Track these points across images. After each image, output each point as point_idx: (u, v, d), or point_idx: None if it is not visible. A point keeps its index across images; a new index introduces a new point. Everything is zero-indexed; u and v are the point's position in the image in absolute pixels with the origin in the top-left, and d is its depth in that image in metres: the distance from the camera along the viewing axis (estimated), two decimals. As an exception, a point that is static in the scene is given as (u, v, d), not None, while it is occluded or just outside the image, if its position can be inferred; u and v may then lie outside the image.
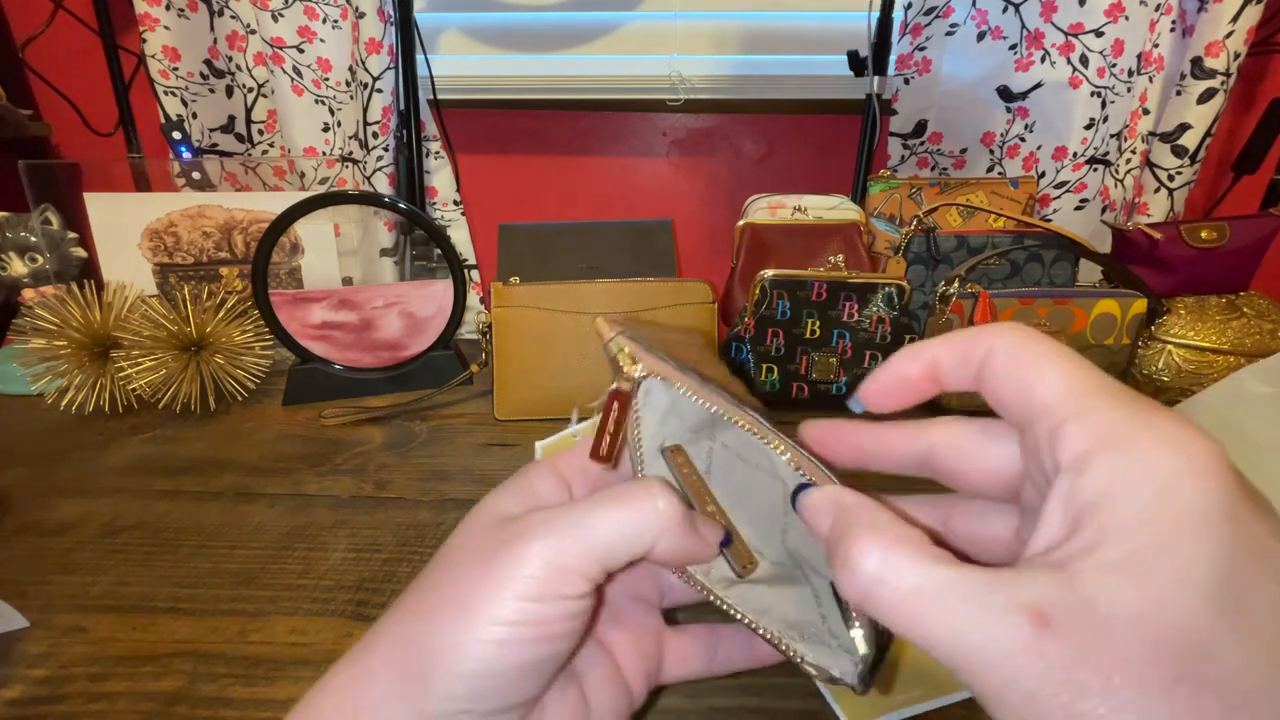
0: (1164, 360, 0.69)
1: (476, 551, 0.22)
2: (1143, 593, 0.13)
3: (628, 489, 0.22)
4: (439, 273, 0.91)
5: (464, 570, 0.21)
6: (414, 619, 0.21)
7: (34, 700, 0.34)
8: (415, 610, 0.22)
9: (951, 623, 0.15)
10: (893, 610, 0.16)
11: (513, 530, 0.21)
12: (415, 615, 0.22)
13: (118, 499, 0.53)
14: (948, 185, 0.87)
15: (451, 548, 0.23)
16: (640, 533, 0.21)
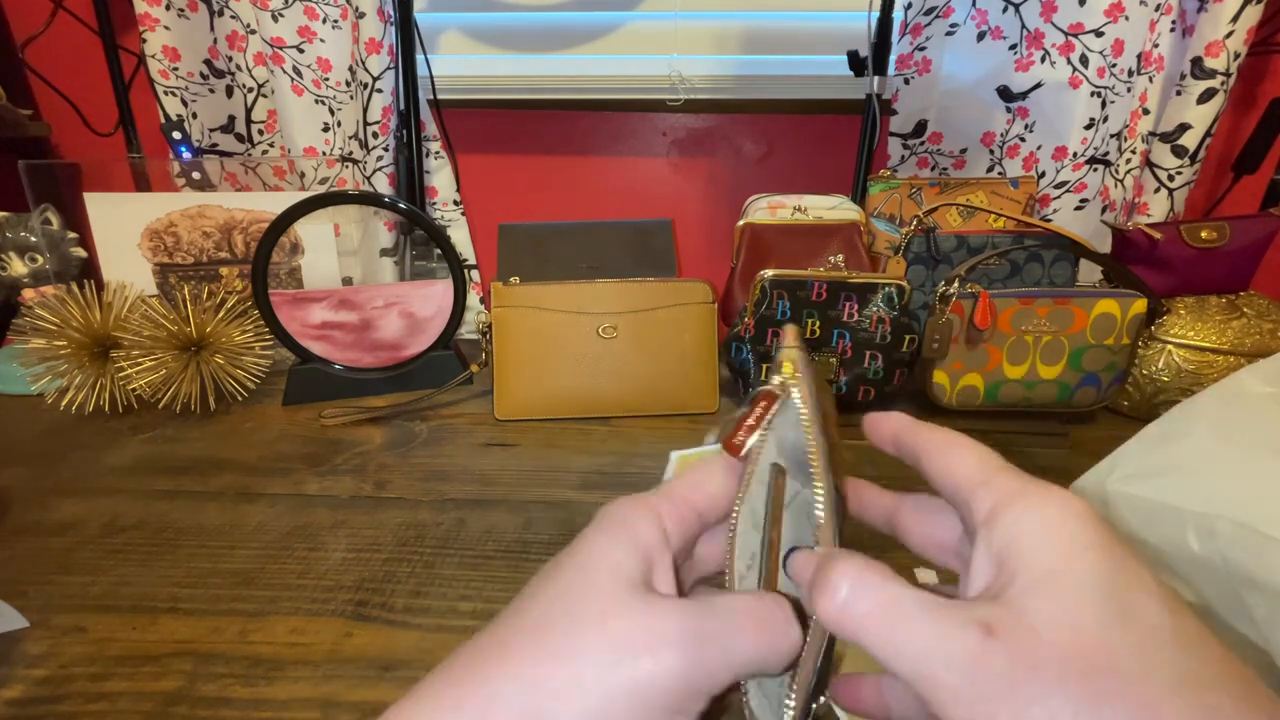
0: (1164, 360, 0.69)
1: (611, 628, 0.20)
2: (1053, 604, 0.17)
3: (769, 612, 0.22)
4: (439, 273, 0.91)
5: (598, 651, 0.20)
6: (535, 685, 0.20)
7: (34, 700, 0.34)
8: (534, 672, 0.20)
9: (915, 634, 0.18)
10: (865, 624, 0.19)
11: (658, 626, 0.20)
12: (538, 682, 0.20)
13: (118, 499, 0.53)
14: (948, 185, 0.87)
15: (571, 602, 0.21)
16: (774, 660, 0.21)
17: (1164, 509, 0.37)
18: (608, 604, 0.21)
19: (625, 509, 0.23)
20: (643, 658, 0.19)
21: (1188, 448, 0.39)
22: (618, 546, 0.22)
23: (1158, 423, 0.42)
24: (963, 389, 0.66)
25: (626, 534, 0.23)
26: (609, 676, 0.19)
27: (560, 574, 0.22)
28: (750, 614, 0.21)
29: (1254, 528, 0.33)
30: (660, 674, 0.19)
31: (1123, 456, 0.42)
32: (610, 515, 0.23)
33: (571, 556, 0.23)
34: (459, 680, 0.21)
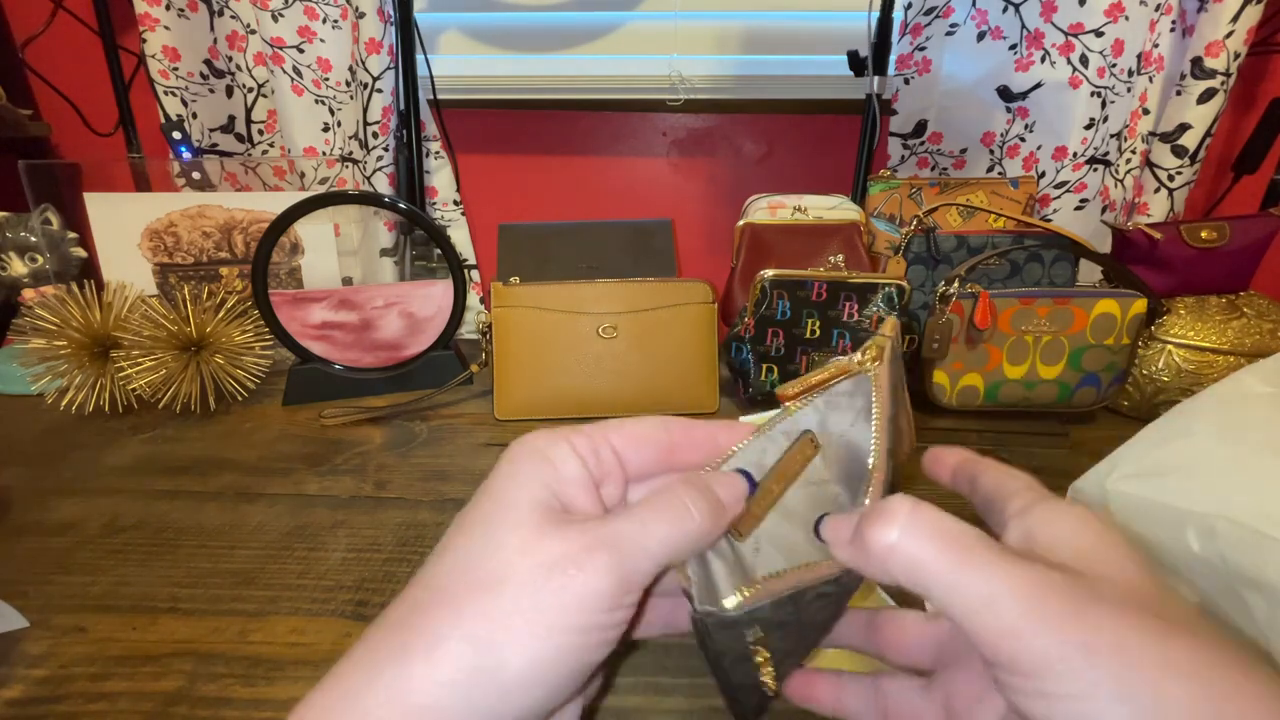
0: (1164, 360, 0.69)
1: (535, 554, 0.21)
2: (1101, 564, 0.19)
3: (672, 502, 0.23)
4: (439, 273, 0.92)
5: (529, 576, 0.21)
6: (476, 619, 0.21)
7: (34, 700, 0.34)
8: (473, 608, 0.21)
9: (977, 566, 0.19)
10: (920, 559, 0.19)
11: (577, 542, 0.21)
12: (478, 616, 0.21)
13: (118, 499, 0.53)
14: (948, 185, 0.87)
15: (494, 541, 0.22)
16: (687, 545, 0.23)
17: (1164, 509, 0.37)
18: (530, 532, 0.22)
19: (538, 440, 0.25)
20: (571, 572, 0.21)
21: (1188, 448, 0.39)
22: (534, 479, 0.23)
23: (1158, 423, 0.42)
24: (963, 389, 0.66)
25: (543, 465, 0.24)
26: (546, 597, 0.20)
27: (479, 512, 0.23)
28: (656, 509, 0.23)
29: (1254, 528, 0.33)
30: (591, 582, 0.21)
31: (1123, 456, 0.42)
32: (524, 448, 0.24)
33: (488, 494, 0.24)
34: (401, 626, 0.21)
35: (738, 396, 0.73)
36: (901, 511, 0.20)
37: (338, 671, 0.21)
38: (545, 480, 0.23)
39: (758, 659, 0.24)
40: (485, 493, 0.24)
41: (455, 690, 0.20)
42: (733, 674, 0.24)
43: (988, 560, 0.19)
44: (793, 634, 0.25)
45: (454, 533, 0.24)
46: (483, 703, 0.20)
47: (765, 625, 0.23)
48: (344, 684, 0.21)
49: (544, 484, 0.23)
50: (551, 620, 0.20)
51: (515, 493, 0.23)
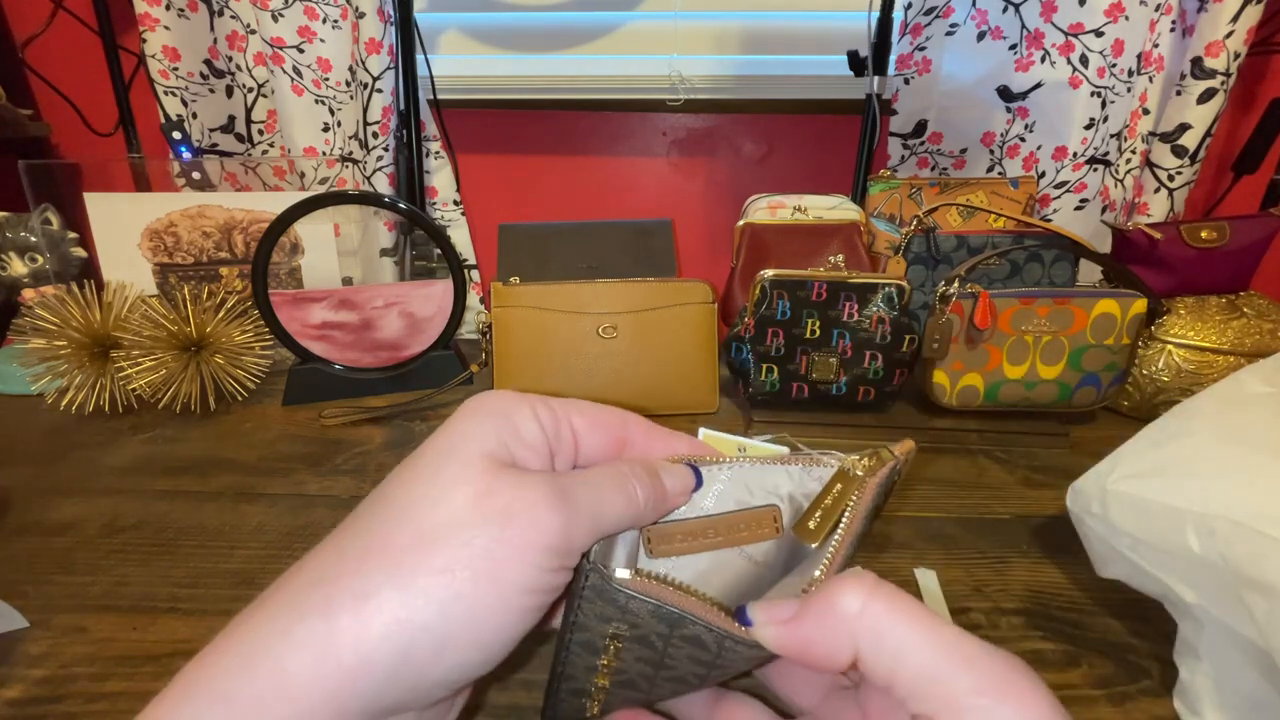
0: (1164, 360, 0.69)
1: (487, 503, 0.20)
2: None
3: (618, 477, 0.23)
4: (439, 273, 0.92)
5: (480, 524, 0.20)
6: (416, 569, 0.19)
7: (34, 700, 0.34)
8: (413, 558, 0.19)
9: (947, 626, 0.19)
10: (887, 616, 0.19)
11: (532, 491, 0.21)
12: (418, 566, 0.19)
13: (118, 499, 0.53)
14: (948, 185, 0.87)
15: (439, 489, 0.21)
16: (625, 522, 0.23)
17: (1164, 509, 0.37)
18: (481, 482, 0.20)
19: (500, 399, 0.23)
20: (523, 521, 0.20)
21: (1188, 448, 0.39)
22: (489, 434, 0.22)
23: (1158, 423, 0.42)
24: (963, 389, 0.66)
25: (502, 421, 0.23)
26: (496, 547, 0.19)
27: (423, 463, 0.22)
28: (608, 479, 0.23)
29: (1254, 528, 0.33)
30: (544, 535, 0.20)
31: (1123, 456, 0.42)
32: (483, 404, 0.23)
33: (435, 448, 0.22)
34: (320, 580, 0.20)
35: (738, 396, 0.73)
36: (869, 578, 0.20)
37: (235, 632, 0.20)
38: (502, 436, 0.22)
39: (601, 661, 0.23)
40: (432, 446, 0.22)
41: (386, 646, 0.18)
42: (570, 663, 0.23)
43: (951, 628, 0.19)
44: (646, 665, 0.23)
45: (391, 483, 0.22)
46: (416, 660, 0.19)
47: (631, 632, 0.22)
48: (245, 644, 0.19)
49: (500, 440, 0.22)
50: (499, 571, 0.19)
51: (467, 445, 0.22)
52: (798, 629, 0.20)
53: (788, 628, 0.20)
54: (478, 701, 0.35)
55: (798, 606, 0.20)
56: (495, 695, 0.35)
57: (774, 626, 0.21)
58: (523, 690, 0.36)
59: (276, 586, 0.21)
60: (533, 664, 0.37)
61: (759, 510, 0.25)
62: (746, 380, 0.69)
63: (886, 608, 0.19)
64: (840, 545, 0.23)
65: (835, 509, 0.23)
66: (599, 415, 0.25)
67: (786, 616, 0.20)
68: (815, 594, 0.20)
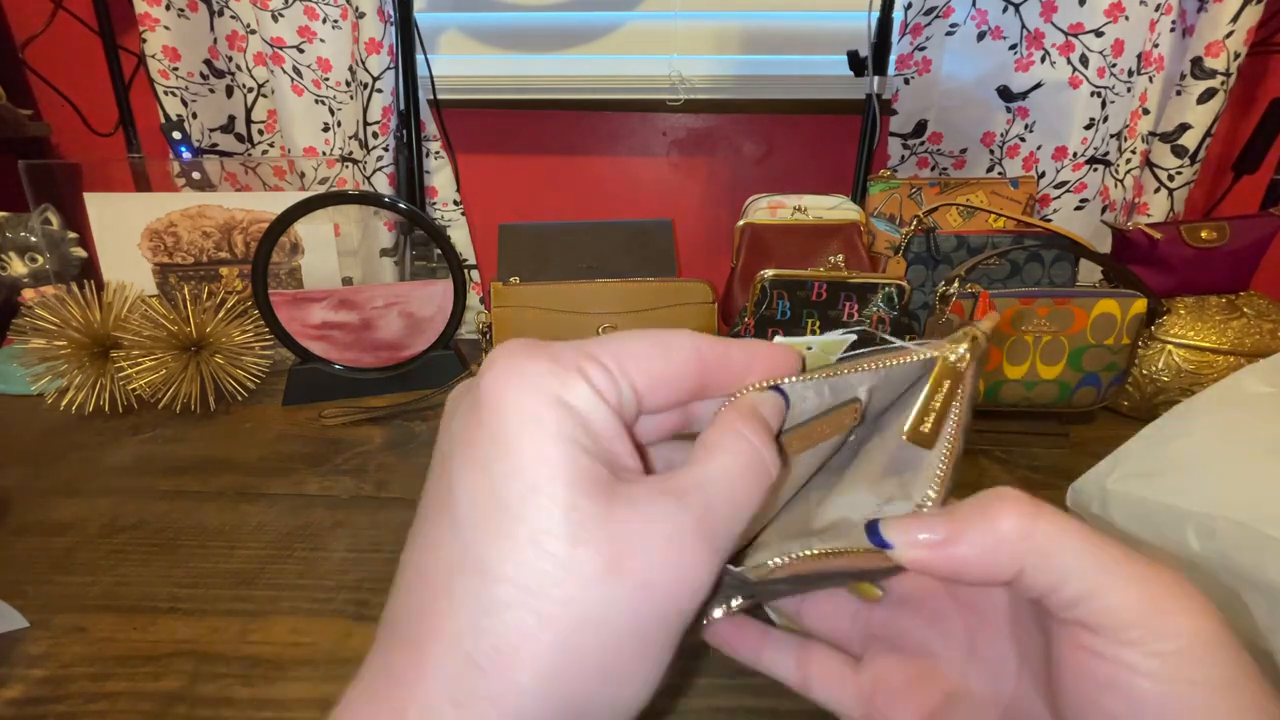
0: (1164, 360, 0.69)
1: (613, 574, 0.16)
2: None
3: (743, 452, 0.19)
4: (439, 273, 0.91)
5: (615, 606, 0.16)
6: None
7: (34, 700, 0.34)
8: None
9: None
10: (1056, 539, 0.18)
11: (664, 550, 0.16)
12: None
13: (118, 499, 0.53)
14: (948, 185, 0.87)
15: (536, 546, 0.16)
16: (761, 498, 0.19)
17: (1164, 509, 0.37)
18: (592, 532, 0.16)
19: (544, 378, 0.17)
20: (663, 585, 0.16)
21: (1188, 448, 0.39)
22: (565, 442, 0.16)
23: (1158, 423, 0.42)
24: (963, 389, 0.65)
25: (567, 418, 0.17)
26: (627, 624, 0.16)
27: (501, 499, 0.16)
28: (735, 460, 0.19)
29: (1254, 528, 0.33)
30: (687, 592, 0.17)
31: (1123, 456, 0.42)
32: (531, 391, 0.17)
33: (499, 475, 0.16)
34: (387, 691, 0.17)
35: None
36: (1025, 499, 0.19)
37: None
38: (582, 444, 0.17)
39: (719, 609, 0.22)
40: (496, 472, 0.16)
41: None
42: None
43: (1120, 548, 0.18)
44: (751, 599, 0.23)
45: (473, 539, 0.17)
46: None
47: (742, 593, 0.22)
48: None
49: (582, 448, 0.17)
50: (639, 647, 0.16)
51: (546, 473, 0.16)
52: (951, 552, 0.19)
53: (939, 551, 0.19)
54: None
55: (944, 526, 0.19)
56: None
57: (923, 550, 0.19)
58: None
59: (360, 688, 0.17)
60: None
61: (842, 410, 0.24)
62: (746, 380, 0.69)
63: (1052, 529, 0.18)
64: (953, 446, 0.22)
65: (945, 408, 0.22)
66: (663, 364, 0.20)
67: (935, 539, 0.19)
68: (966, 514, 0.19)
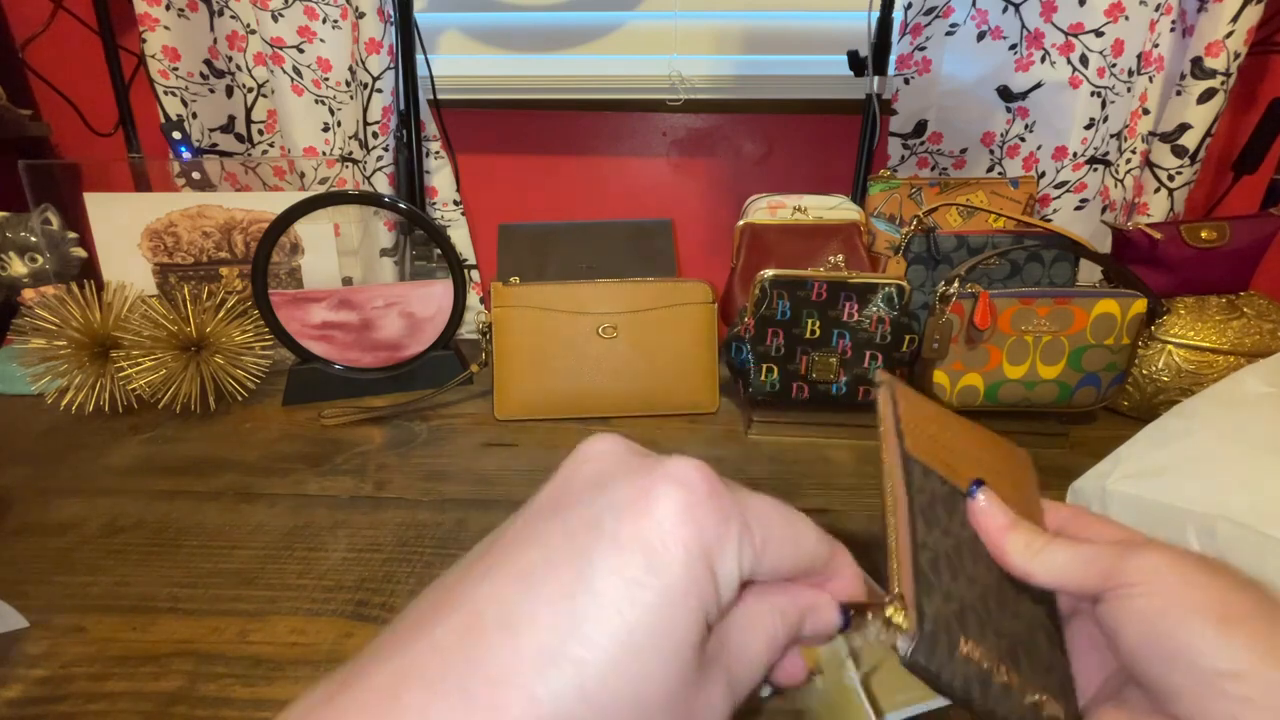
0: (1164, 360, 0.69)
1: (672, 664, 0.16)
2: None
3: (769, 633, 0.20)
4: (439, 273, 0.91)
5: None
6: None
7: (34, 700, 0.34)
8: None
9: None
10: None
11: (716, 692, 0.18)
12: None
13: (118, 499, 0.53)
14: (948, 185, 0.87)
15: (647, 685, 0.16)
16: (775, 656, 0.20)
17: (1164, 509, 0.37)
18: (682, 701, 0.17)
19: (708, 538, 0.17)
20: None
21: (1188, 448, 0.39)
22: (698, 607, 0.17)
23: (1158, 423, 0.42)
24: (963, 389, 0.65)
25: (708, 585, 0.17)
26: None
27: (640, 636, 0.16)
28: (766, 642, 0.19)
29: (1254, 528, 0.33)
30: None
31: (1123, 456, 0.42)
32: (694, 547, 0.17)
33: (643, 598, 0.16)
34: None
35: (737, 396, 0.73)
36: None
37: None
38: (708, 608, 0.17)
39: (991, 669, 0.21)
40: (635, 590, 0.16)
41: None
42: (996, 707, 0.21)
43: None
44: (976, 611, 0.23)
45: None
46: None
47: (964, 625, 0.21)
48: None
49: (706, 613, 0.17)
50: None
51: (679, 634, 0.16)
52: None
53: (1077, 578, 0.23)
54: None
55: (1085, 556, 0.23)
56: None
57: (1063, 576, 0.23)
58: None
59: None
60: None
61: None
62: (746, 380, 0.69)
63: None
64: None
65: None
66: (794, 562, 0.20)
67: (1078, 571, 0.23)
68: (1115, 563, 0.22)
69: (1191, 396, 0.43)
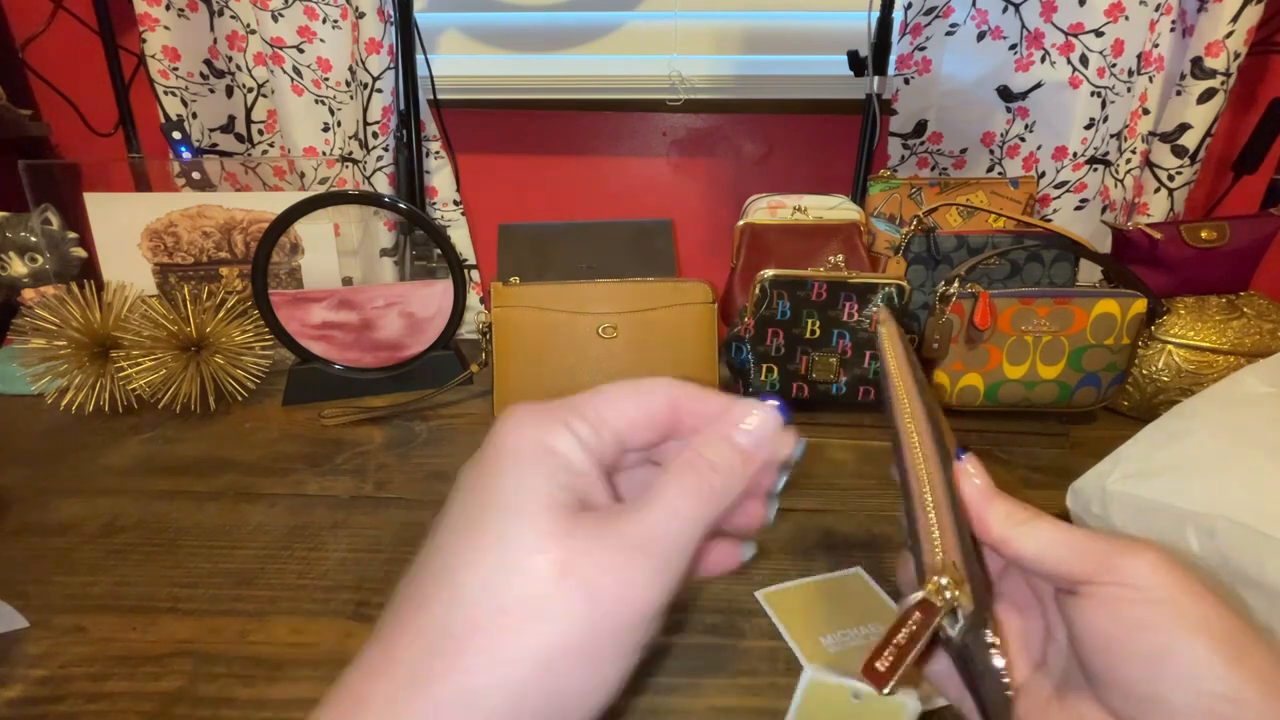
0: (1164, 360, 0.69)
1: (574, 572, 0.18)
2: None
3: (690, 474, 0.21)
4: (439, 273, 0.91)
5: (573, 603, 0.18)
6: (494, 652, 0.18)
7: (34, 700, 0.34)
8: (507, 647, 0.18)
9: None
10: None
11: (617, 551, 0.19)
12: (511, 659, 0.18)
13: (118, 499, 0.53)
14: (948, 185, 0.87)
15: (512, 559, 0.18)
16: (716, 512, 0.21)
17: (1164, 509, 0.37)
18: (555, 544, 0.18)
19: (534, 429, 0.21)
20: (609, 594, 0.18)
21: (1188, 448, 0.39)
22: (544, 477, 0.19)
23: (1158, 423, 0.42)
24: (963, 389, 0.66)
25: (550, 459, 0.20)
26: (581, 626, 0.18)
27: (483, 520, 0.19)
28: (680, 484, 0.20)
29: (1254, 528, 0.33)
30: (632, 608, 0.18)
31: (1123, 456, 0.42)
32: (521, 438, 0.20)
33: (488, 497, 0.19)
34: (390, 670, 0.18)
35: (737, 397, 0.73)
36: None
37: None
38: (559, 479, 0.20)
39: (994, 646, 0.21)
40: (486, 500, 0.20)
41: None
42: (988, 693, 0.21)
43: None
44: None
45: (450, 547, 0.20)
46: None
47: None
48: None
49: (559, 483, 0.20)
50: (591, 652, 0.18)
51: (527, 499, 0.19)
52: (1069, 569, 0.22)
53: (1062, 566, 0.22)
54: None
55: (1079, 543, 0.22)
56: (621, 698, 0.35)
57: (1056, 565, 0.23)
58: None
59: (340, 683, 0.18)
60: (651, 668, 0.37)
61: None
62: (746, 380, 0.69)
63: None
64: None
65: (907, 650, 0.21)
66: (638, 413, 0.23)
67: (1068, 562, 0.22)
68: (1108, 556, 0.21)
69: (1191, 396, 0.43)
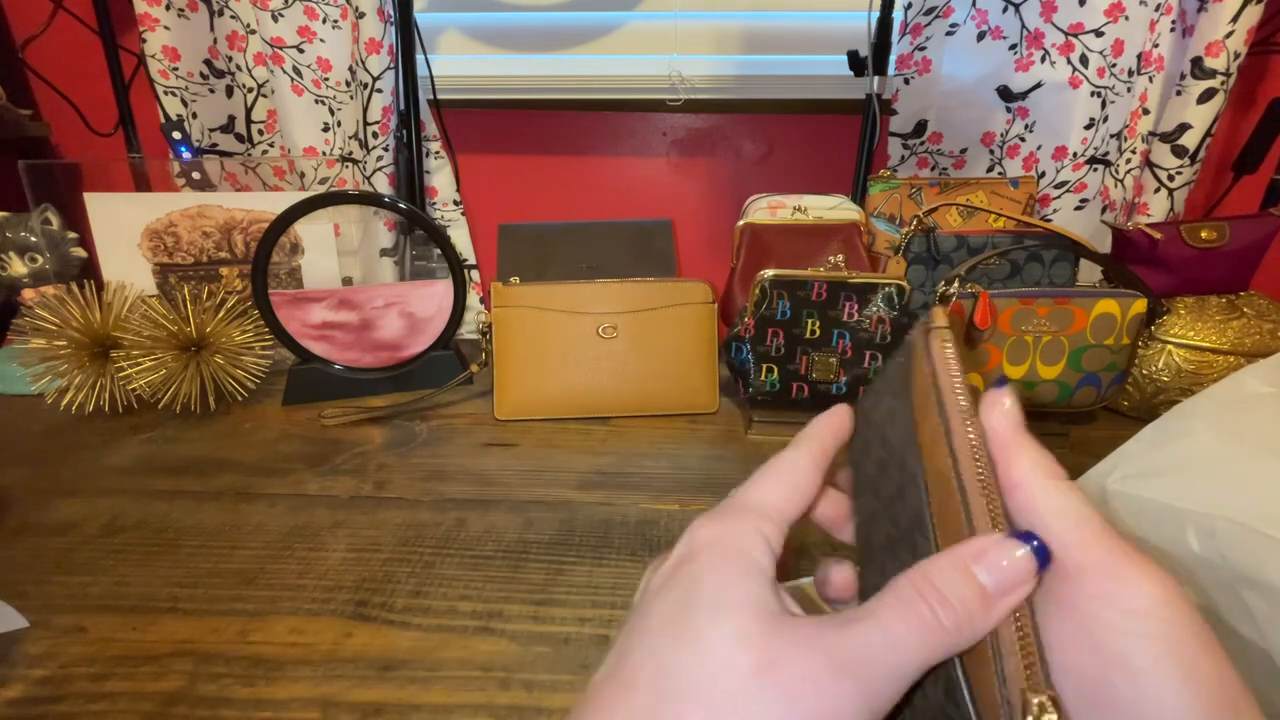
0: (1164, 360, 0.69)
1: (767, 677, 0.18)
2: None
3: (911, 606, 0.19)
4: (439, 273, 0.91)
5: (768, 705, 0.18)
6: None
7: (34, 700, 0.34)
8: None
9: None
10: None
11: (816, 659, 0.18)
12: None
13: (118, 499, 0.53)
14: (948, 185, 0.87)
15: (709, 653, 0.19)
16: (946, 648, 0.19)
17: (1164, 509, 0.37)
18: (759, 644, 0.18)
19: (732, 538, 0.21)
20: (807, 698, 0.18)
21: (1188, 448, 0.39)
22: (749, 580, 0.20)
23: (1158, 423, 0.42)
24: (963, 389, 0.65)
25: (751, 568, 0.20)
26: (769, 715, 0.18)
27: (691, 619, 0.19)
28: (900, 612, 0.19)
29: (1254, 528, 0.33)
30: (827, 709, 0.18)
31: (1123, 456, 0.42)
32: (721, 552, 0.21)
33: (694, 595, 0.20)
34: None
35: (738, 396, 0.73)
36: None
37: None
38: (758, 579, 0.20)
39: None
40: (685, 591, 0.20)
41: None
42: None
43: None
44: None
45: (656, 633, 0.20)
46: None
47: None
48: None
49: (758, 582, 0.20)
50: None
51: (728, 593, 0.20)
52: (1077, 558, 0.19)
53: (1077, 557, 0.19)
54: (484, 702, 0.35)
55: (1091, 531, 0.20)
56: (496, 694, 0.35)
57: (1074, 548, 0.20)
58: (523, 690, 0.36)
59: None
60: (537, 665, 0.37)
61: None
62: (746, 380, 0.69)
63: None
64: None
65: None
66: (805, 500, 0.23)
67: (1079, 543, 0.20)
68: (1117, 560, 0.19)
69: (1191, 396, 0.43)
